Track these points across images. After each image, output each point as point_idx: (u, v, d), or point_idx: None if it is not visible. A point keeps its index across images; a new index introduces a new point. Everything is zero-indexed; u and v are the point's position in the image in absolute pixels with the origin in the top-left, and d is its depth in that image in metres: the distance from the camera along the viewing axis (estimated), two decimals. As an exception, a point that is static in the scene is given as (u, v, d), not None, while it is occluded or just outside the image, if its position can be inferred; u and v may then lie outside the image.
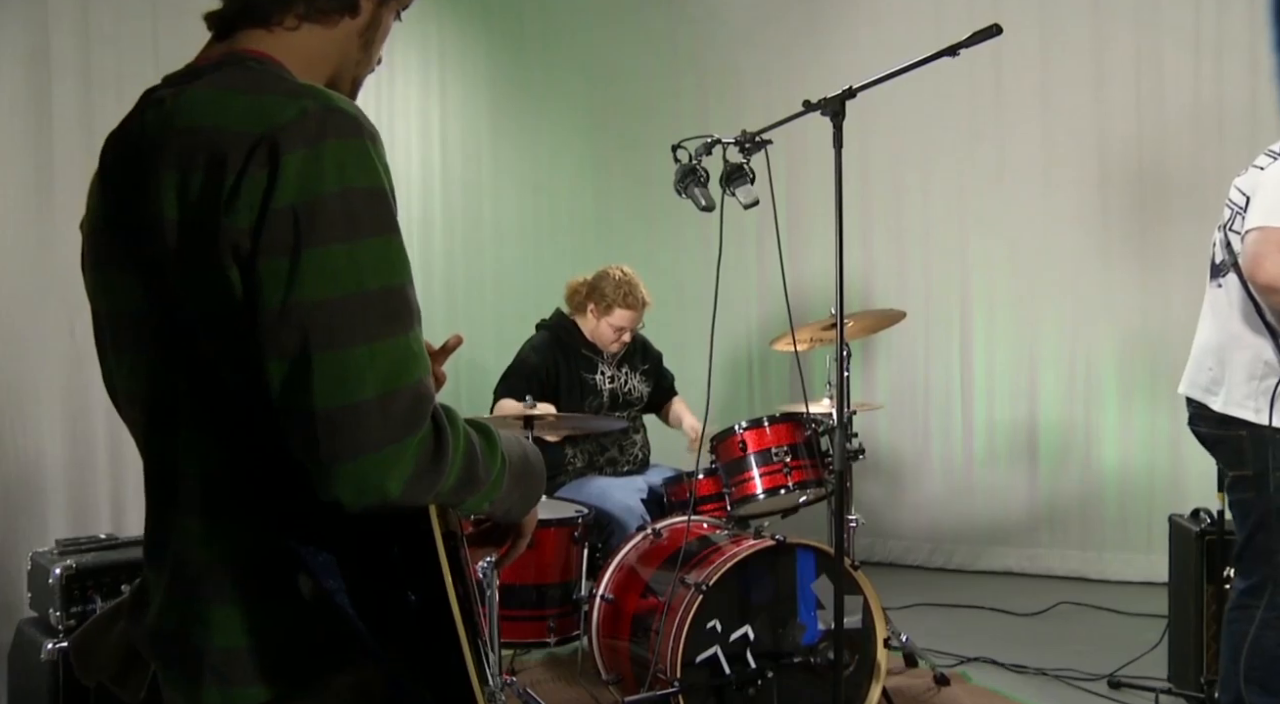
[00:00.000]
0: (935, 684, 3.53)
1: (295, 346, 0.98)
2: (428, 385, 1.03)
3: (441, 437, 1.03)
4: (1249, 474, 2.61)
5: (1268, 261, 2.46)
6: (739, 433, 3.42)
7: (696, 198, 2.86)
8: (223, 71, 1.10)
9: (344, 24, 1.19)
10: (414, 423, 1.00)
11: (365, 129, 1.05)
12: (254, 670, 1.07)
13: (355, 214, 1.01)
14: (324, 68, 1.20)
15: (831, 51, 5.48)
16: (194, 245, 1.03)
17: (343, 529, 1.03)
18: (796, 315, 3.14)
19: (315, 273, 0.98)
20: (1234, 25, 4.75)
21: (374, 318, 1.00)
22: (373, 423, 0.98)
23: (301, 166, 0.99)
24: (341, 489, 0.99)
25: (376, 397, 0.98)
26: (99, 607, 2.77)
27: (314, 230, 0.99)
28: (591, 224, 5.58)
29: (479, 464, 1.10)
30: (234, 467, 1.07)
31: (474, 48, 5.29)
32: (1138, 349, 4.89)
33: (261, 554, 1.07)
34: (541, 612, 3.25)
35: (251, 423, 1.04)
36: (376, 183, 1.04)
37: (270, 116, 1.01)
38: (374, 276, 1.01)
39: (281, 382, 0.99)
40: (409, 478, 1.00)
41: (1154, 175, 4.88)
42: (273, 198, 0.99)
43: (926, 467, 5.50)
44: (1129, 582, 4.86)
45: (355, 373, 0.98)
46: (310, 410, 0.97)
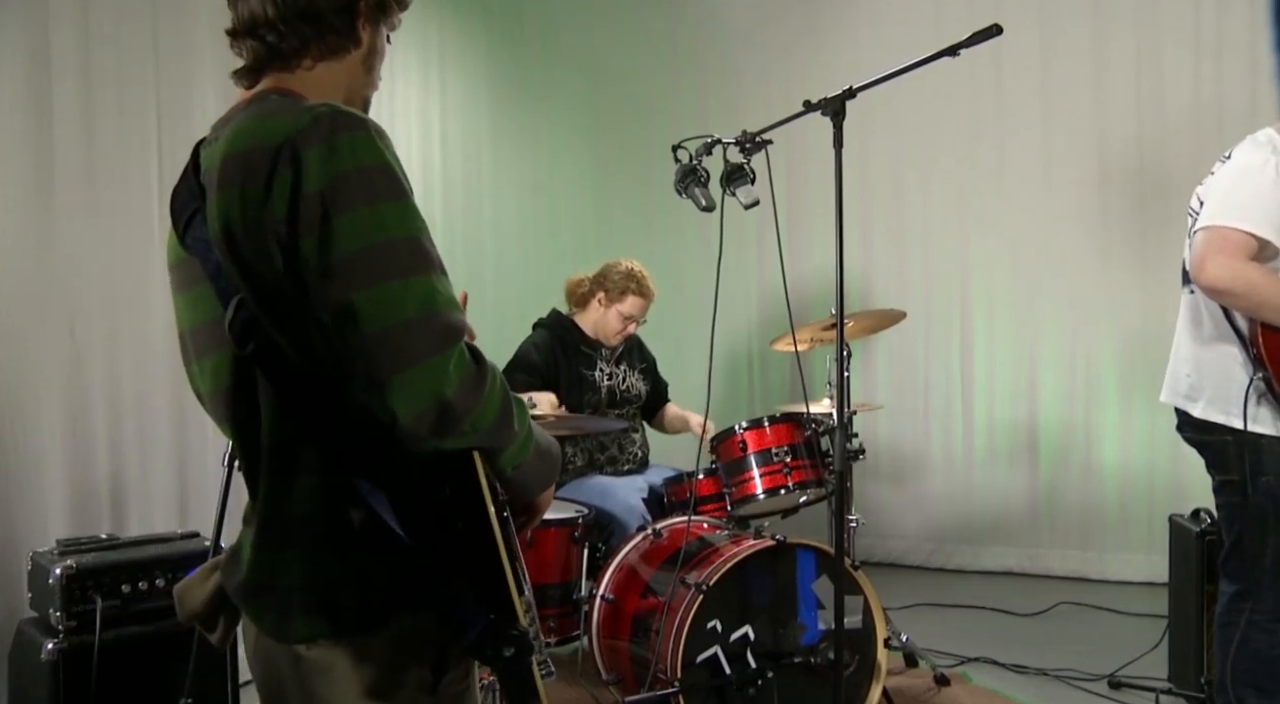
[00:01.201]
0: (935, 684, 3.53)
1: (340, 294, 1.15)
2: (459, 318, 1.20)
3: (480, 358, 1.22)
4: (1235, 479, 2.59)
5: (1209, 263, 2.44)
6: (739, 433, 3.42)
7: (697, 198, 2.86)
8: (252, 107, 1.30)
9: (350, 56, 1.40)
10: (451, 340, 1.17)
11: (371, 126, 1.23)
12: (329, 604, 1.25)
13: (372, 184, 1.19)
14: (337, 95, 1.39)
15: (831, 52, 5.48)
16: (248, 241, 1.20)
17: (398, 474, 1.20)
18: (797, 315, 3.14)
19: (345, 233, 1.16)
20: (1234, 25, 4.74)
21: (402, 259, 1.17)
22: (417, 335, 1.14)
23: (320, 158, 1.18)
24: (398, 401, 1.14)
25: (418, 316, 1.15)
26: (99, 607, 2.78)
27: (338, 202, 1.17)
28: (591, 224, 5.58)
29: (513, 410, 1.26)
30: (301, 433, 1.24)
31: (474, 48, 5.29)
32: (1138, 349, 4.89)
33: (329, 505, 1.24)
34: (542, 611, 3.26)
35: (301, 392, 1.21)
36: (385, 161, 1.21)
37: (290, 127, 1.20)
38: (396, 228, 1.18)
39: (335, 326, 1.15)
40: (459, 383, 1.16)
41: (1154, 175, 4.88)
42: (301, 188, 1.17)
43: (927, 467, 5.50)
44: (1129, 582, 4.86)
45: (394, 301, 1.15)
46: (362, 339, 1.14)
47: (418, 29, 4.92)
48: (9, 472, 3.27)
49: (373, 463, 1.21)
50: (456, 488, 1.24)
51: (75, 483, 3.42)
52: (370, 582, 1.25)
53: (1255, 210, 2.45)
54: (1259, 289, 2.43)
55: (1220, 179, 2.58)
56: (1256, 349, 2.50)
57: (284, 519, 1.27)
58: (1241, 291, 2.43)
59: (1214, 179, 2.61)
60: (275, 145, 1.19)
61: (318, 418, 1.22)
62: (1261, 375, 2.50)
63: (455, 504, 1.24)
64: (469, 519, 1.23)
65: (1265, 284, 2.44)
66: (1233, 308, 2.53)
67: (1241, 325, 2.55)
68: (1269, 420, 2.53)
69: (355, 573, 1.25)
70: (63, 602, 2.76)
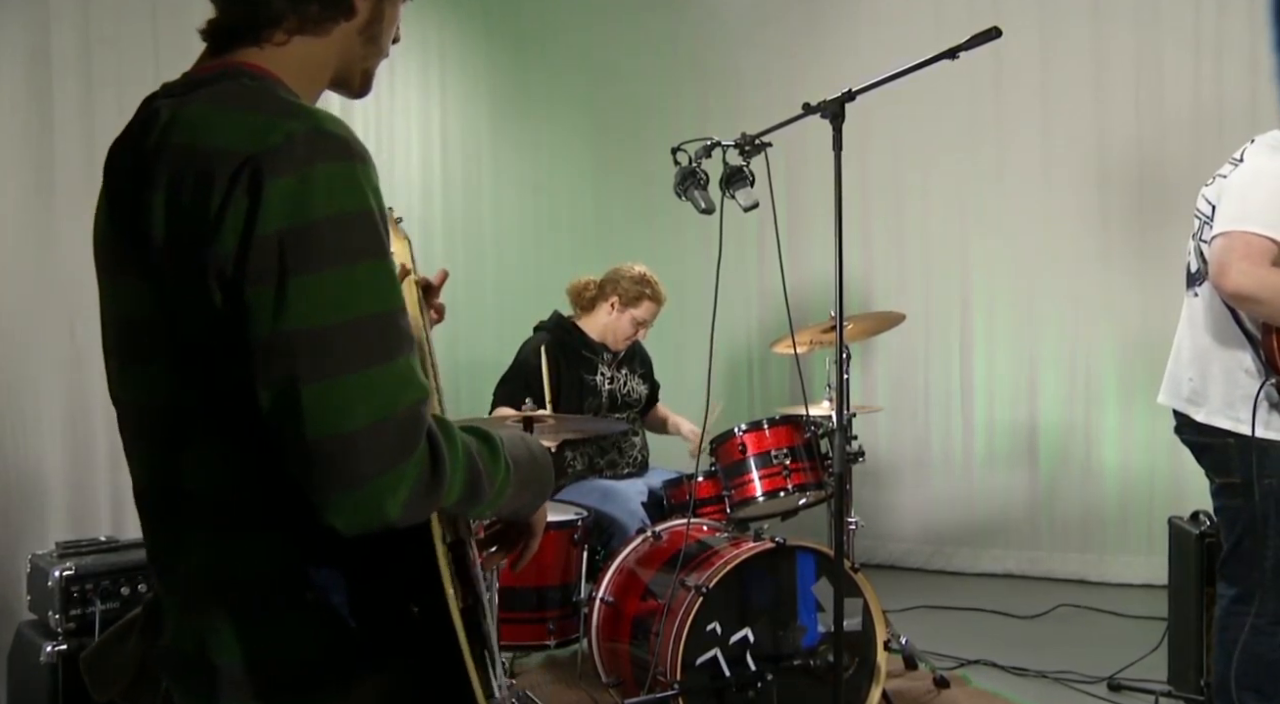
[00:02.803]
0: (935, 686, 3.53)
1: (284, 377, 0.97)
2: (420, 410, 1.02)
3: (438, 457, 1.03)
4: (1237, 481, 2.59)
5: (1232, 269, 2.42)
6: (738, 435, 3.42)
7: (696, 200, 2.86)
8: (219, 86, 1.09)
9: (339, 29, 1.17)
10: (406, 449, 0.99)
11: (355, 151, 1.03)
12: (265, 684, 1.08)
13: (346, 240, 1.00)
14: (324, 73, 1.20)
15: (831, 54, 5.48)
16: (183, 265, 1.02)
17: (348, 544, 1.03)
18: (796, 317, 3.14)
19: (303, 300, 0.97)
20: (1233, 26, 4.74)
21: (364, 346, 0.99)
22: (364, 453, 0.97)
23: (288, 193, 0.98)
24: (336, 518, 0.99)
25: (367, 426, 0.97)
26: (98, 610, 2.78)
27: (302, 257, 0.97)
28: (592, 225, 5.58)
29: (482, 477, 1.11)
30: (245, 483, 1.07)
31: (474, 49, 5.29)
32: (1138, 351, 4.88)
33: (272, 570, 1.08)
34: (541, 614, 3.26)
35: (257, 440, 1.03)
36: (366, 207, 1.02)
37: (256, 140, 1.00)
38: (365, 303, 1.00)
39: (272, 411, 0.99)
40: (406, 503, 1.00)
41: (1154, 177, 4.87)
42: (257, 225, 0.98)
43: (927, 469, 5.50)
44: (1129, 584, 4.85)
45: (345, 404, 0.97)
46: (303, 440, 0.97)
47: (417, 30, 4.92)
48: (8, 474, 3.28)
49: (317, 526, 1.02)
50: (408, 560, 1.08)
51: (75, 485, 3.42)
52: (311, 660, 1.09)
53: (1273, 215, 2.44)
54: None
55: (1234, 183, 2.55)
56: (1269, 352, 2.49)
57: (218, 582, 1.09)
58: (1267, 298, 2.42)
59: (1226, 182, 2.57)
60: (237, 157, 0.99)
61: (262, 468, 1.04)
62: (1274, 381, 2.50)
63: (408, 581, 1.08)
64: (423, 602, 1.07)
65: None
66: (1254, 314, 2.51)
67: (1252, 329, 2.54)
68: (1277, 426, 2.53)
69: (296, 650, 1.08)
70: (62, 604, 2.77)
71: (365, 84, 1.26)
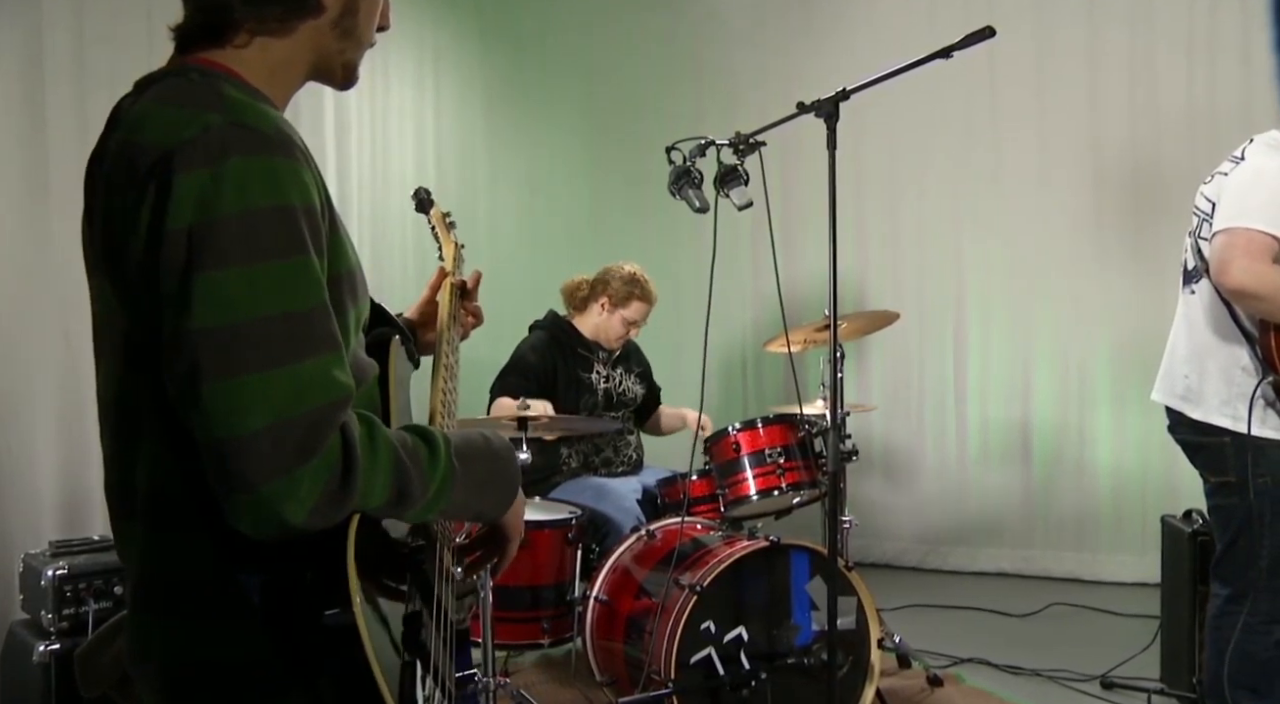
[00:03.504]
0: (929, 685, 3.54)
1: (186, 375, 0.96)
2: (328, 413, 0.98)
3: (350, 460, 1.00)
4: (1231, 480, 2.59)
5: (1234, 265, 2.44)
6: (733, 434, 3.42)
7: (690, 199, 2.86)
8: (165, 83, 1.08)
9: (305, 27, 1.14)
10: (306, 453, 0.96)
11: (275, 145, 1.00)
12: (190, 687, 1.07)
13: (255, 236, 0.97)
14: (296, 69, 1.17)
15: (827, 53, 5.48)
16: (118, 263, 1.02)
17: (269, 548, 1.01)
18: (792, 316, 3.14)
19: (206, 299, 0.95)
20: (1226, 26, 4.77)
21: (268, 346, 0.96)
22: (261, 455, 0.94)
23: (198, 187, 0.96)
24: (240, 519, 0.97)
25: (266, 427, 0.95)
26: (91, 609, 2.77)
27: (208, 254, 0.95)
28: (587, 224, 5.57)
29: (412, 480, 1.07)
30: (181, 480, 1.05)
31: (469, 48, 5.28)
32: (1132, 350, 4.89)
33: (199, 570, 1.06)
34: (536, 613, 3.25)
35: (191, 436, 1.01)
36: (284, 201, 0.99)
37: (174, 133, 0.98)
38: (272, 302, 0.97)
39: (179, 408, 0.98)
40: (311, 507, 0.97)
41: (1148, 177, 4.89)
42: (165, 220, 0.96)
43: (921, 468, 5.51)
44: (1123, 583, 4.87)
45: (244, 404, 0.95)
46: (206, 438, 0.96)
47: (412, 29, 4.92)
48: (2, 473, 3.27)
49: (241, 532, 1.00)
50: (323, 566, 1.03)
51: (68, 485, 3.41)
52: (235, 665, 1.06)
53: (1274, 212, 2.46)
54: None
55: (1235, 180, 2.56)
56: (1266, 349, 2.50)
57: (164, 581, 1.08)
58: (1268, 294, 2.44)
59: (1226, 180, 2.58)
60: (155, 151, 0.98)
61: (197, 469, 1.01)
62: (1271, 379, 2.51)
63: (322, 589, 1.03)
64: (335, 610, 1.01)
65: None
66: (1253, 310, 2.52)
67: (1249, 326, 2.56)
68: (1273, 425, 2.55)
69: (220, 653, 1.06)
70: (55, 604, 2.76)
71: (348, 76, 1.23)
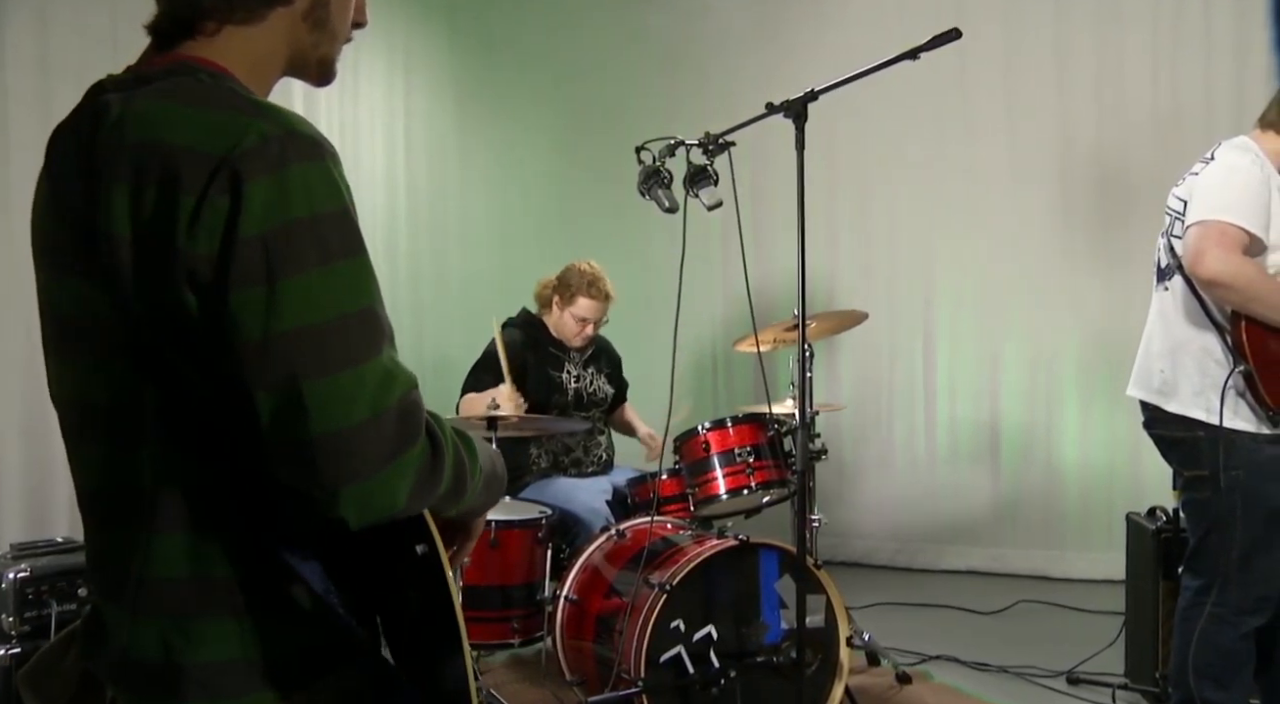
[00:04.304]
0: (897, 682, 3.56)
1: (283, 378, 0.97)
2: (417, 398, 1.04)
3: (437, 445, 1.06)
4: (1205, 474, 2.63)
5: (1208, 256, 2.51)
6: (702, 434, 3.43)
7: (660, 199, 2.86)
8: (174, 81, 1.07)
9: (275, 16, 1.14)
10: (410, 436, 1.01)
11: (326, 150, 1.04)
12: (243, 680, 1.06)
13: (326, 239, 1.00)
14: (273, 63, 1.17)
15: (799, 54, 5.50)
16: (149, 265, 1.01)
17: (330, 534, 1.03)
18: (764, 316, 3.15)
19: (293, 302, 0.98)
20: (1190, 30, 4.84)
21: (356, 340, 1.00)
22: (371, 442, 0.98)
23: (267, 195, 0.98)
24: (347, 510, 0.99)
25: (371, 417, 0.98)
26: (54, 612, 2.74)
27: (288, 259, 0.98)
28: (558, 224, 5.56)
29: (466, 472, 1.13)
30: (210, 481, 1.05)
31: (440, 47, 5.27)
32: (1099, 349, 4.95)
33: (249, 565, 1.07)
34: (506, 613, 3.25)
35: (230, 438, 1.02)
36: (342, 205, 1.03)
37: (230, 139, 0.99)
38: (351, 300, 1.01)
39: (273, 413, 0.98)
40: (412, 490, 1.02)
41: (1115, 177, 4.94)
42: (239, 227, 0.97)
43: (890, 467, 5.54)
44: (1089, 579, 4.91)
45: (347, 396, 0.98)
46: (309, 438, 0.97)
47: (383, 28, 4.90)
48: (-37, 474, 3.23)
49: (295, 518, 1.03)
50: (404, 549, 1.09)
51: (31, 486, 3.38)
52: (288, 656, 1.08)
53: (1245, 206, 2.54)
54: (1254, 283, 2.52)
55: (1208, 177, 2.62)
56: (1237, 340, 2.56)
57: (188, 581, 1.06)
58: (1240, 285, 2.51)
59: (1198, 178, 2.64)
60: (211, 157, 0.98)
61: (232, 464, 1.04)
62: (1242, 369, 2.56)
63: (406, 569, 1.09)
64: (423, 590, 1.08)
65: (1260, 279, 2.53)
66: (1224, 301, 2.58)
67: (1220, 318, 2.61)
68: (1245, 417, 2.59)
69: (274, 647, 1.07)
70: (16, 606, 2.73)
71: (324, 72, 1.23)
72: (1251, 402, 2.58)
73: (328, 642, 1.08)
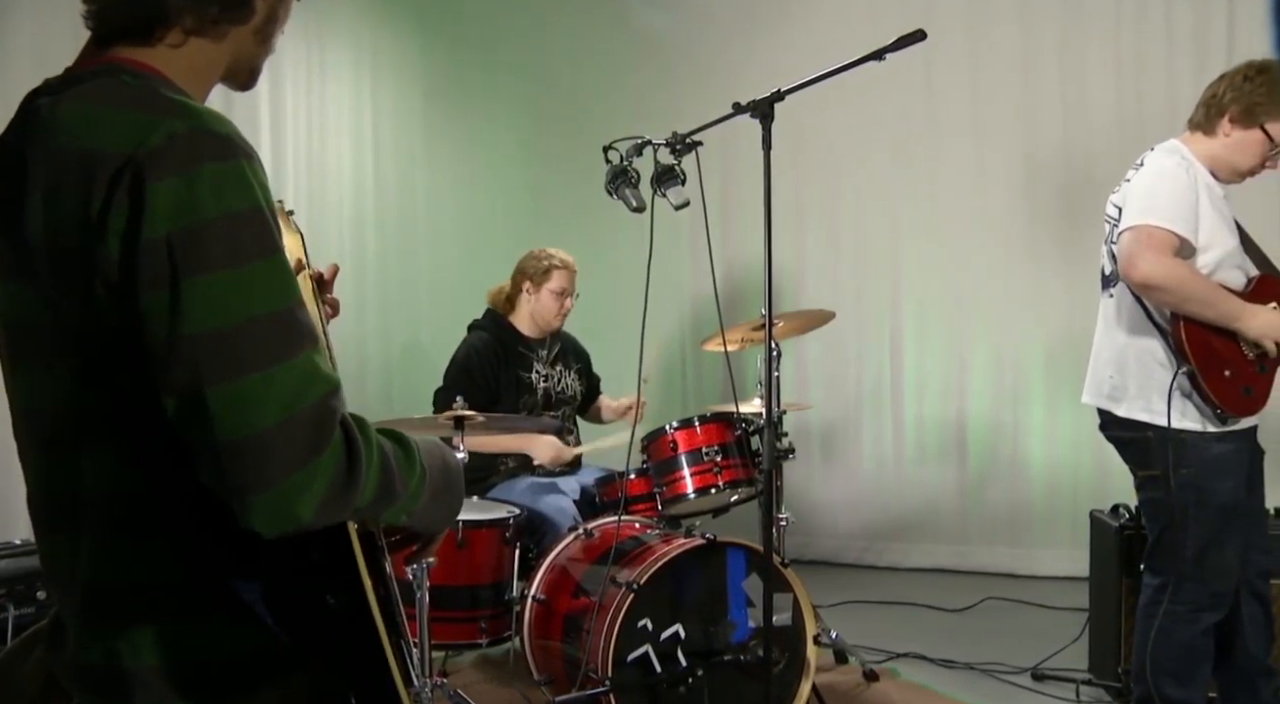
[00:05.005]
0: (865, 680, 3.57)
1: (187, 381, 0.96)
2: (331, 404, 1.00)
3: (354, 451, 1.02)
4: (1157, 474, 2.68)
5: (1140, 260, 2.58)
6: (670, 433, 3.43)
7: (627, 199, 2.86)
8: (96, 83, 1.05)
9: (234, 32, 1.14)
10: (320, 444, 0.98)
11: (240, 149, 1.01)
12: (184, 685, 1.06)
13: (237, 240, 0.98)
14: (215, 71, 1.17)
15: (769, 54, 5.51)
16: (68, 272, 1.00)
17: (262, 540, 1.01)
18: (732, 315, 3.16)
19: (199, 303, 0.96)
20: (1152, 36, 4.91)
21: (266, 343, 0.97)
22: (277, 450, 0.96)
23: (173, 196, 0.96)
24: (255, 519, 0.97)
25: (278, 423, 0.96)
26: (11, 615, 2.71)
27: (193, 259, 0.96)
28: (527, 222, 5.54)
29: (395, 478, 1.09)
30: (150, 485, 1.05)
31: (408, 46, 5.24)
32: (1064, 349, 4.99)
33: (182, 571, 1.06)
34: (473, 613, 3.24)
35: (163, 442, 1.01)
36: (255, 205, 1.00)
37: (136, 139, 0.97)
38: (262, 302, 0.98)
39: (178, 416, 0.97)
40: (321, 500, 0.98)
41: (1079, 179, 4.98)
42: (142, 228, 0.95)
43: (858, 465, 5.56)
44: (1054, 577, 4.95)
45: (253, 402, 0.95)
46: (213, 444, 0.95)
47: (350, 26, 4.87)
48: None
49: (226, 525, 1.01)
50: (323, 552, 1.08)
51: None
52: (233, 660, 1.07)
53: (1174, 211, 2.60)
54: (1186, 284, 2.58)
55: (1138, 183, 2.70)
56: (1178, 341, 2.60)
57: (130, 587, 1.06)
58: (1173, 287, 2.57)
59: (1130, 185, 2.72)
60: (117, 157, 0.97)
61: (167, 470, 1.03)
62: (1185, 369, 2.60)
63: (323, 573, 1.08)
64: (340, 593, 1.07)
65: (1192, 280, 2.59)
66: (1160, 302, 2.64)
67: (1161, 321, 2.67)
68: (1192, 416, 2.64)
69: (217, 651, 1.07)
70: (-26, 609, 2.70)
71: (253, 78, 1.23)
72: (1199, 401, 2.62)
73: (267, 651, 1.07)
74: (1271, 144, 2.70)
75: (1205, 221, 2.64)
